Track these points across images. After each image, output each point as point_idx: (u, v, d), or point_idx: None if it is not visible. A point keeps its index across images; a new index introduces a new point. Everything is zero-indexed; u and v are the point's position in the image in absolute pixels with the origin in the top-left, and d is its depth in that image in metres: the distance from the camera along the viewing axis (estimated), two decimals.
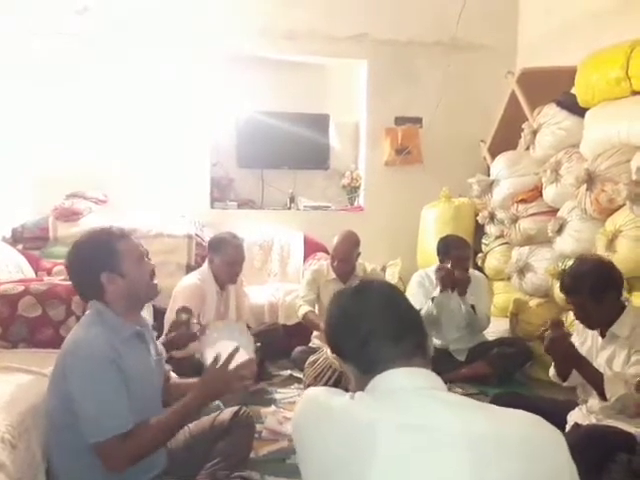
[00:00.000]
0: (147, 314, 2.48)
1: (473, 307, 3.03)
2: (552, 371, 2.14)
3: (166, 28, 4.08)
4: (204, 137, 4.34)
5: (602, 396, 1.85)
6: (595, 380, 1.87)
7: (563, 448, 0.83)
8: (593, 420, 1.95)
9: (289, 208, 4.55)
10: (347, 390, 0.97)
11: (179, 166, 4.23)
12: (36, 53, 3.92)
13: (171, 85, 4.15)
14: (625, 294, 2.45)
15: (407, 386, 0.88)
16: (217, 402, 2.13)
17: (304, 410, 0.97)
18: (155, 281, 1.61)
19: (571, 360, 1.96)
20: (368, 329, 0.94)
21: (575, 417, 2.03)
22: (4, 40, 3.79)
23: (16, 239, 3.64)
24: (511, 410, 0.87)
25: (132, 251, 1.54)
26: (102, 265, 1.50)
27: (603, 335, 1.99)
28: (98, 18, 3.96)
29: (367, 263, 3.30)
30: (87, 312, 1.56)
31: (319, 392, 1.01)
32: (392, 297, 1.00)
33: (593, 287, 1.91)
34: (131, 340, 1.52)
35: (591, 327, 2.02)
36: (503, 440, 0.80)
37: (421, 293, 3.17)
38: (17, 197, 3.86)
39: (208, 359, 1.60)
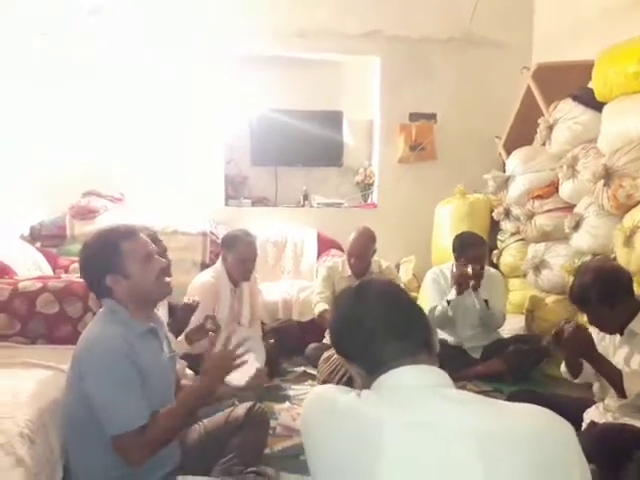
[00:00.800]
0: (163, 311, 2.51)
1: (486, 302, 3.00)
2: (563, 367, 2.12)
3: (180, 29, 4.10)
4: (218, 135, 4.37)
5: (621, 393, 1.83)
6: (614, 377, 1.85)
7: (574, 442, 0.82)
8: (610, 418, 1.92)
9: (303, 205, 4.56)
10: None
11: (194, 164, 4.26)
12: (46, 53, 3.96)
13: (185, 84, 4.18)
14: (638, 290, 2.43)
15: (413, 384, 0.88)
16: (232, 399, 2.15)
17: (311, 407, 0.98)
18: (167, 279, 1.60)
19: (589, 354, 1.92)
20: (370, 329, 0.94)
21: (591, 415, 2.01)
22: (17, 39, 3.84)
23: (34, 237, 3.70)
24: (521, 405, 0.87)
25: (136, 251, 1.52)
26: (106, 267, 1.50)
27: (621, 333, 1.97)
28: (112, 18, 4.00)
29: (382, 260, 3.29)
30: (100, 310, 1.57)
31: (326, 389, 1.01)
32: (392, 295, 1.00)
33: (601, 295, 1.87)
34: (144, 336, 1.53)
35: (609, 332, 1.99)
36: (512, 435, 0.80)
37: (435, 290, 3.15)
38: (35, 195, 3.92)
39: None
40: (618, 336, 1.97)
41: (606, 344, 2.04)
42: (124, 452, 1.39)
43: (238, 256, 2.85)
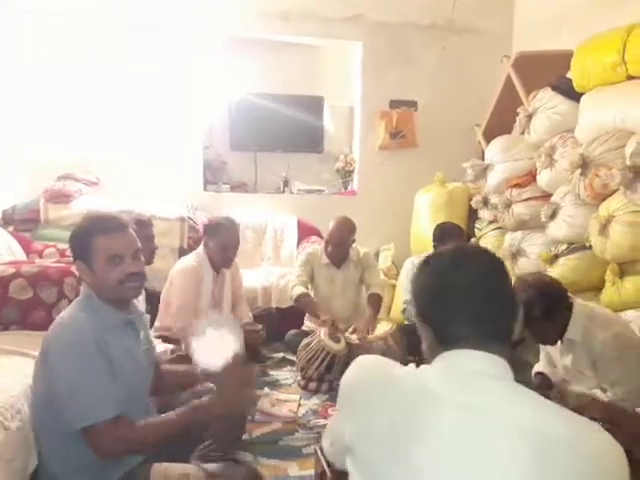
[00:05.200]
0: (140, 298, 2.47)
1: None
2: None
3: (159, 10, 4.00)
4: (197, 119, 4.30)
5: None
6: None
7: (624, 466, 0.81)
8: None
9: (283, 192, 4.53)
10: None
11: (171, 148, 4.19)
12: (26, 33, 3.85)
13: (163, 67, 4.09)
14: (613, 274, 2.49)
15: (476, 369, 0.87)
16: (211, 385, 2.14)
17: (364, 372, 0.96)
18: (134, 284, 1.50)
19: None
20: (455, 304, 0.91)
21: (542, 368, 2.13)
22: None
23: (7, 221, 3.62)
24: (582, 418, 0.85)
25: (105, 249, 1.46)
26: (77, 252, 1.49)
27: (561, 340, 2.01)
28: (90, 0, 3.89)
29: (360, 247, 3.30)
30: (80, 296, 1.54)
31: (378, 359, 1.00)
32: (489, 274, 0.94)
33: (545, 310, 1.89)
34: (120, 328, 1.50)
35: (551, 344, 2.05)
36: (562, 441, 0.79)
37: None
38: (8, 179, 3.82)
39: (195, 350, 1.63)
40: (559, 343, 2.03)
41: (551, 351, 2.13)
42: (92, 443, 1.35)
43: (220, 243, 2.83)
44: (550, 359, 2.18)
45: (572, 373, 2.04)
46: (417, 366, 0.93)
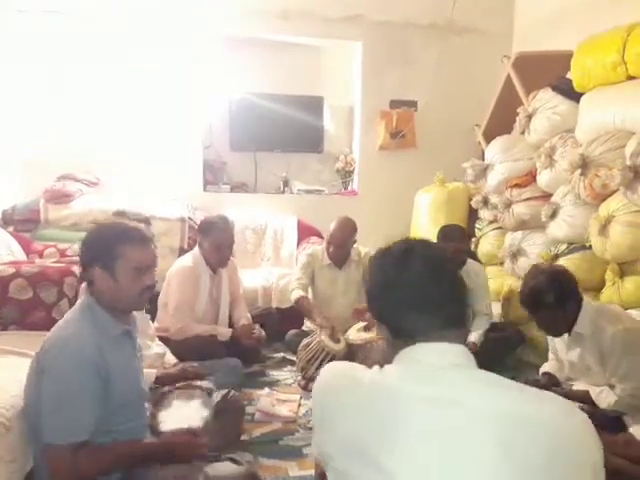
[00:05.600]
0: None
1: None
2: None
3: (158, 9, 4.00)
4: (197, 119, 4.29)
5: (593, 405, 1.93)
6: (585, 400, 1.95)
7: (592, 439, 0.81)
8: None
9: (282, 192, 4.53)
10: None
11: (171, 148, 4.19)
12: (25, 32, 3.84)
13: (163, 66, 4.09)
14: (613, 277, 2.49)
15: (438, 362, 0.87)
16: (210, 385, 2.14)
17: (333, 386, 0.95)
18: (147, 295, 1.55)
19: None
20: (407, 298, 0.92)
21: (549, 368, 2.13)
22: None
23: (7, 221, 3.61)
24: (544, 392, 0.86)
25: (132, 260, 1.47)
26: (99, 258, 1.47)
27: (569, 333, 2.02)
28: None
29: (361, 247, 3.29)
30: (79, 301, 1.53)
31: (343, 366, 0.99)
32: (438, 266, 0.95)
33: (555, 299, 1.91)
34: (118, 340, 1.50)
35: (558, 335, 2.06)
36: (533, 422, 0.79)
37: None
38: (8, 179, 3.81)
39: (162, 421, 1.63)
40: (567, 336, 2.03)
41: (559, 344, 2.13)
42: (50, 463, 1.33)
43: (214, 242, 2.82)
44: (558, 357, 2.17)
45: (578, 368, 2.03)
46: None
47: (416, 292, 0.92)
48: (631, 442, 1.57)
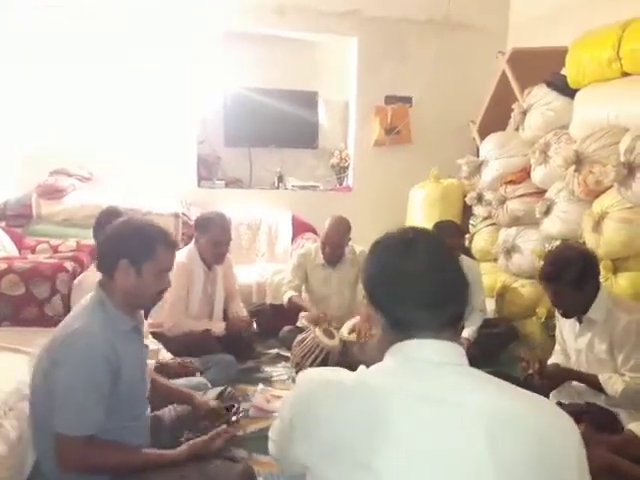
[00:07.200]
0: None
1: None
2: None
3: (154, 5, 3.97)
4: (191, 114, 4.27)
5: (601, 392, 1.91)
6: (593, 383, 1.93)
7: (577, 441, 0.81)
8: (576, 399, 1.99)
9: (277, 187, 4.52)
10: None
11: (165, 143, 4.16)
12: (21, 28, 3.81)
13: (158, 62, 4.06)
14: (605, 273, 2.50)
15: (433, 359, 0.86)
16: (205, 382, 2.14)
17: (310, 387, 0.93)
18: (161, 296, 1.59)
19: (570, 377, 2.03)
20: (408, 290, 0.89)
21: (559, 396, 2.07)
22: None
23: None
24: (531, 394, 0.86)
25: (163, 261, 1.51)
26: (131, 253, 1.46)
27: (580, 320, 2.01)
28: None
29: (356, 245, 3.29)
30: (90, 295, 1.52)
31: (323, 371, 0.98)
32: (439, 260, 0.92)
33: (577, 276, 1.90)
34: (128, 335, 1.51)
35: (568, 315, 2.04)
36: (521, 421, 0.79)
37: None
38: (2, 174, 3.78)
39: None
40: (577, 325, 2.02)
41: (567, 330, 2.11)
42: (60, 452, 1.36)
43: (211, 239, 2.81)
44: (564, 348, 2.17)
45: (585, 358, 2.02)
46: None
47: (419, 283, 0.89)
48: (631, 441, 1.57)
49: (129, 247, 1.47)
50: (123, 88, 4.02)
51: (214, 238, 2.81)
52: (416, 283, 0.89)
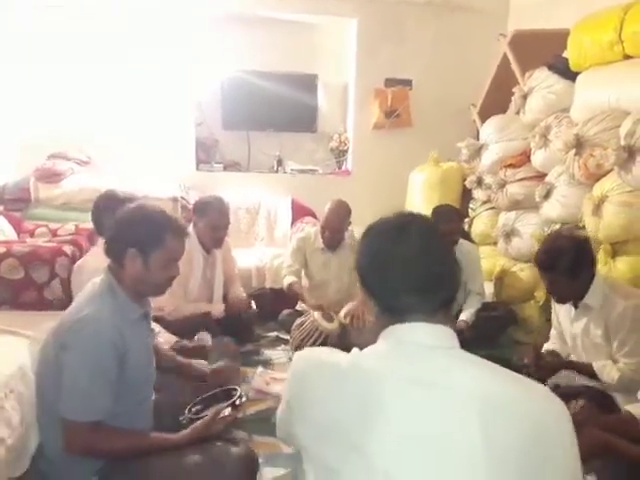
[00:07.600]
0: None
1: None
2: None
3: None
4: (189, 97, 4.24)
5: (595, 378, 1.94)
6: (588, 373, 1.96)
7: (570, 426, 0.82)
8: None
9: (276, 171, 4.50)
10: None
11: (163, 127, 4.14)
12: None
13: (156, 44, 4.02)
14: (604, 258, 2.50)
15: (425, 343, 0.86)
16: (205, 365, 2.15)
17: (303, 368, 0.94)
18: (169, 285, 1.58)
19: (565, 366, 2.04)
20: (400, 275, 0.89)
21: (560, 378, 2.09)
22: None
23: None
24: (522, 377, 0.87)
25: (171, 250, 1.50)
26: (139, 242, 1.46)
27: (576, 305, 2.02)
28: None
29: (356, 228, 3.28)
30: (99, 279, 1.51)
31: (317, 351, 0.99)
32: (430, 245, 0.92)
33: (570, 265, 1.90)
34: (136, 322, 1.51)
35: (563, 302, 2.05)
36: (514, 405, 0.80)
37: None
38: (1, 158, 3.76)
39: None
40: (573, 310, 2.03)
41: (563, 315, 2.13)
42: (67, 437, 1.38)
43: (209, 223, 2.80)
44: (560, 332, 2.17)
45: (580, 341, 2.03)
46: None
47: (411, 268, 0.89)
48: (628, 421, 1.59)
49: (137, 236, 1.46)
50: (121, 72, 3.98)
51: (212, 222, 2.80)
52: (408, 268, 0.89)
